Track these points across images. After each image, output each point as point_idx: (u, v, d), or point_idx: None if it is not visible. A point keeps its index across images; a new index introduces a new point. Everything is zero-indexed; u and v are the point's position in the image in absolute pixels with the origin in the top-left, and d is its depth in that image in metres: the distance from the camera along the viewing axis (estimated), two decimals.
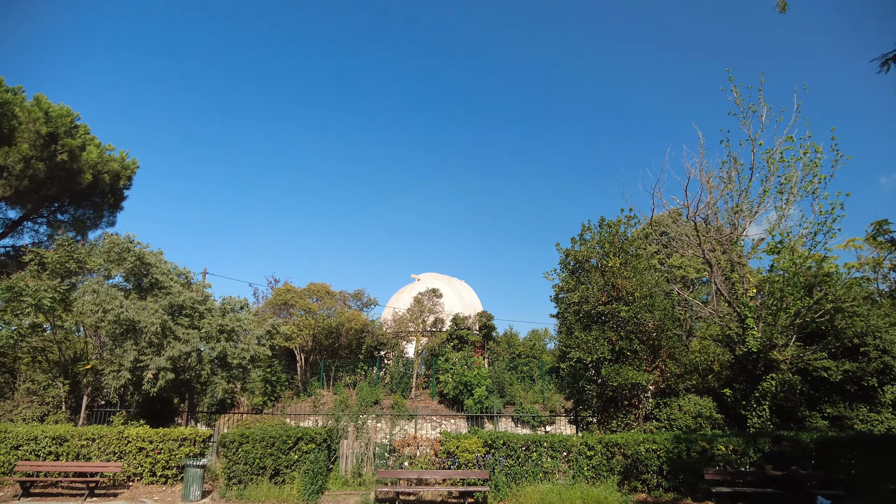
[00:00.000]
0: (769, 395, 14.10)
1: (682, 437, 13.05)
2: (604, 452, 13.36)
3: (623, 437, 13.40)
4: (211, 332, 16.47)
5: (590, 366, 15.57)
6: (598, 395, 15.60)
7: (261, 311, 34.45)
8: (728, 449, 12.70)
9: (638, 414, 15.31)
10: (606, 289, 15.71)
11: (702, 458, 12.74)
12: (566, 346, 15.94)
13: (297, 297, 32.39)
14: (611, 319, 15.75)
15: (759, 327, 14.43)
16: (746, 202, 14.57)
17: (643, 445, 13.09)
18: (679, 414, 15.10)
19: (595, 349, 15.13)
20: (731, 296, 14.35)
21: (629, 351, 15.20)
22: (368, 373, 31.90)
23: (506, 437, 13.72)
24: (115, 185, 25.15)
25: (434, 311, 34.19)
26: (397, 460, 14.12)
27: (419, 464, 13.81)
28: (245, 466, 13.94)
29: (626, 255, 16.17)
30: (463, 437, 14.04)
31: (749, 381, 14.76)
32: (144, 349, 15.10)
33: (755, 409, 14.27)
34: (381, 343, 33.47)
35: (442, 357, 30.99)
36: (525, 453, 13.57)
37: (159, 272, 16.69)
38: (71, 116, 21.01)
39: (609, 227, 16.84)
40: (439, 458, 13.99)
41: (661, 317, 15.04)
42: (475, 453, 13.56)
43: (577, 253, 17.07)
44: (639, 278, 15.73)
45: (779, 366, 14.27)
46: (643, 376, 14.69)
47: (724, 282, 14.70)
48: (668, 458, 12.89)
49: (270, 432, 14.21)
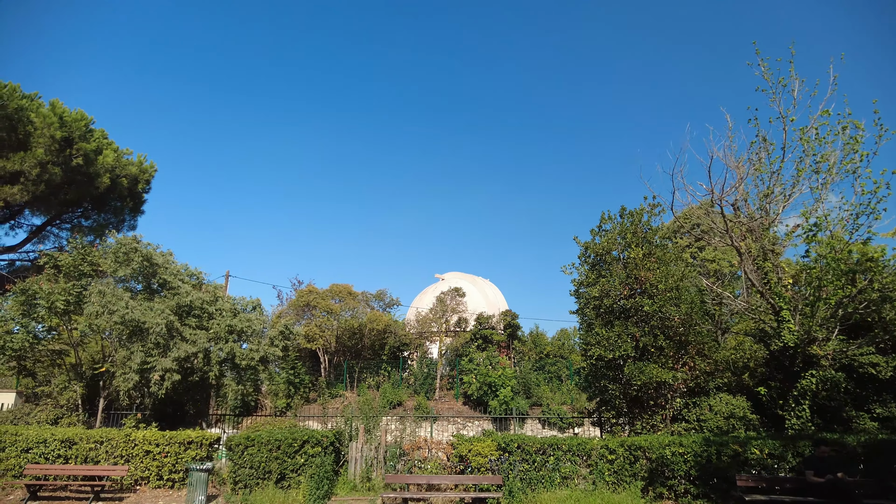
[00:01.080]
0: (809, 394, 12.94)
1: (712, 440, 12.03)
2: (626, 456, 12.44)
3: (647, 439, 12.45)
4: (220, 332, 16.14)
5: (612, 364, 14.62)
6: (622, 394, 14.64)
7: (284, 313, 34.39)
8: (763, 453, 11.63)
9: (665, 415, 14.30)
10: (628, 282, 14.75)
11: (734, 463, 11.70)
12: (586, 343, 15.04)
13: (318, 298, 32.14)
14: (634, 314, 14.77)
15: (795, 320, 13.27)
16: (779, 185, 13.43)
17: (669, 448, 12.12)
18: (709, 414, 14.02)
19: (617, 346, 14.19)
20: (764, 286, 13.23)
21: (654, 347, 14.21)
22: (392, 374, 31.42)
23: (520, 441, 12.92)
24: (134, 188, 25.26)
25: (457, 310, 33.52)
26: (406, 464, 13.47)
27: (430, 468, 13.13)
28: (250, 470, 13.51)
29: (649, 246, 15.17)
30: (476, 440, 13.30)
31: (786, 379, 13.61)
32: (151, 350, 14.85)
33: (794, 409, 13.13)
34: (404, 343, 32.96)
35: (466, 357, 30.30)
36: (541, 457, 12.74)
37: (167, 272, 16.46)
38: (85, 120, 21.12)
39: (630, 217, 15.85)
40: (451, 462, 13.29)
41: (688, 310, 14.01)
42: (488, 457, 12.81)
43: (596, 245, 16.12)
44: (664, 270, 14.72)
45: (819, 361, 13.09)
46: (669, 374, 13.69)
47: (756, 271, 13.58)
48: (697, 462, 11.89)
49: (276, 435, 13.74)
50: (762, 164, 13.59)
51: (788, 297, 13.09)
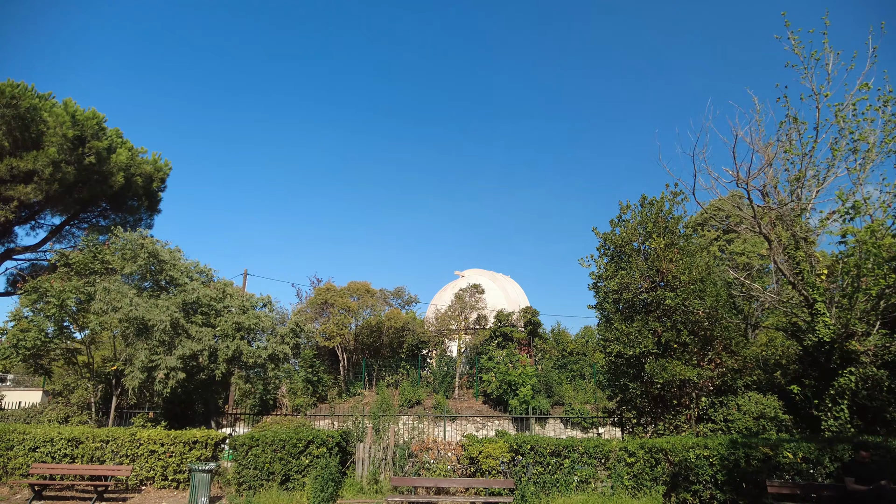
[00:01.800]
0: (847, 393, 11.95)
1: (740, 442, 11.15)
2: (647, 459, 11.65)
3: (669, 441, 11.64)
4: (227, 330, 15.81)
5: (633, 361, 13.82)
6: (643, 393, 13.82)
7: (302, 311, 34.23)
8: (797, 457, 10.72)
9: (689, 415, 13.44)
10: (649, 274, 13.92)
11: (764, 467, 10.82)
12: (605, 339, 14.27)
13: (336, 295, 31.83)
14: (655, 308, 13.94)
15: (831, 313, 12.28)
16: (811, 168, 12.44)
17: (693, 451, 11.29)
18: (738, 415, 13.11)
19: (638, 342, 13.38)
20: (796, 277, 12.27)
21: (677, 343, 13.37)
22: (411, 372, 30.97)
23: (534, 442, 12.23)
24: (149, 187, 25.24)
25: (476, 307, 32.87)
26: (414, 466, 12.90)
27: (439, 471, 12.53)
28: (255, 471, 13.12)
29: (671, 236, 14.31)
30: (487, 441, 12.67)
31: (822, 377, 12.62)
32: (156, 348, 14.58)
33: (830, 410, 12.15)
34: (423, 341, 32.46)
35: (485, 355, 29.69)
36: (556, 460, 12.04)
37: (175, 269, 16.21)
38: (97, 119, 21.08)
39: (651, 206, 15.00)
40: (461, 464, 12.68)
41: (713, 304, 13.13)
42: (500, 459, 12.16)
43: (615, 237, 15.30)
44: (687, 261, 13.85)
45: (858, 358, 12.07)
46: (694, 372, 12.83)
47: (787, 262, 12.62)
48: (723, 466, 11.03)
49: (280, 435, 13.32)
50: (792, 145, 12.62)
51: (823, 288, 12.11)
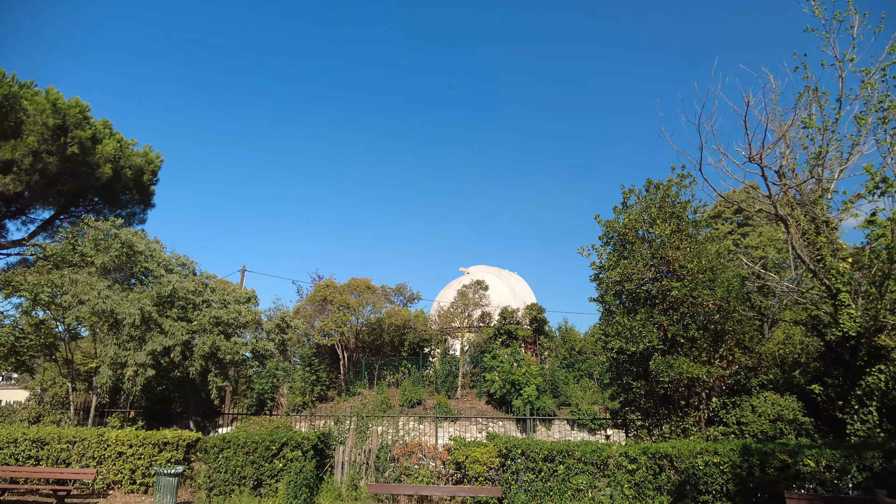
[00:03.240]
0: (877, 394, 10.69)
1: (755, 448, 9.95)
2: (649, 466, 10.49)
3: (674, 445, 10.46)
4: (204, 324, 14.91)
5: (636, 358, 12.65)
6: (648, 393, 12.65)
7: (301, 308, 33.45)
8: (819, 465, 9.51)
9: (698, 417, 12.25)
10: (654, 262, 12.74)
11: (782, 477, 9.62)
12: (605, 334, 13.11)
13: (335, 292, 30.91)
14: (661, 300, 12.76)
15: (857, 304, 11.03)
16: (834, 143, 11.19)
17: (701, 458, 10.11)
18: (752, 417, 11.89)
19: (641, 337, 12.21)
20: (817, 264, 11.03)
21: (684, 338, 12.18)
22: (412, 371, 30.02)
23: (525, 446, 11.12)
24: (140, 180, 24.48)
25: (480, 304, 31.79)
26: (395, 471, 11.85)
27: (422, 477, 11.47)
28: (226, 475, 12.17)
29: (678, 221, 13.12)
30: (475, 444, 11.58)
31: (847, 375, 11.36)
32: (125, 344, 13.71)
33: (857, 412, 10.89)
34: (424, 339, 31.45)
35: (489, 354, 28.62)
36: (549, 466, 10.92)
37: (150, 260, 15.33)
38: (80, 107, 20.33)
39: (657, 190, 13.82)
40: (447, 469, 11.61)
41: (724, 294, 11.91)
42: (488, 465, 11.08)
43: (618, 224, 14.13)
44: (696, 248, 12.66)
45: (889, 354, 10.81)
46: (703, 369, 11.64)
47: (807, 248, 11.37)
48: (735, 474, 9.85)
49: (253, 437, 12.36)
50: (812, 119, 11.38)
51: (848, 276, 10.85)
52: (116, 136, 23.39)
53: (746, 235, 29.41)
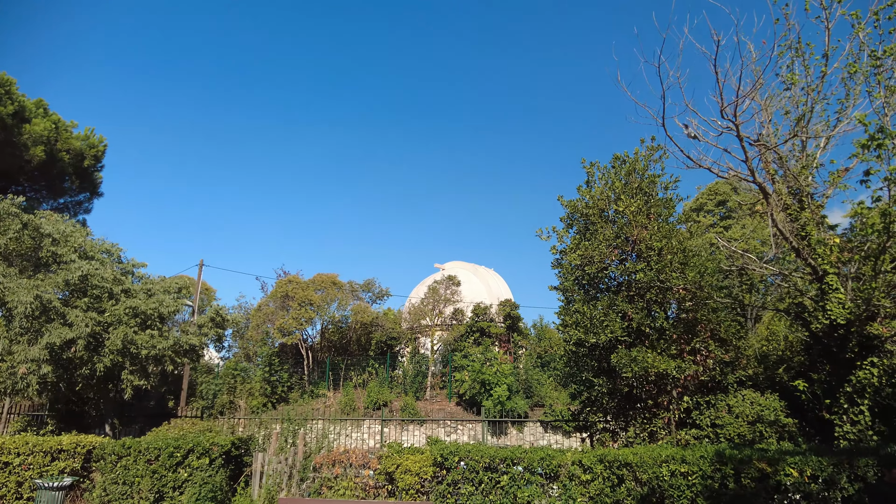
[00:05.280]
0: (869, 390, 9.24)
1: (729, 455, 8.44)
2: (607, 476, 8.93)
3: (636, 453, 8.92)
4: (119, 315, 13.20)
5: (597, 351, 11.13)
6: (611, 391, 11.12)
7: (264, 305, 31.77)
8: (804, 475, 8.01)
9: (668, 418, 10.73)
10: (617, 243, 11.23)
11: (760, 489, 8.12)
12: (563, 324, 11.58)
13: (298, 288, 29.22)
14: (627, 286, 11.25)
15: (846, 288, 9.59)
16: (820, 109, 9.76)
17: (667, 466, 8.58)
18: (728, 418, 10.40)
19: (602, 327, 10.68)
20: (801, 241, 9.57)
21: (651, 329, 10.67)
22: (379, 371, 28.45)
23: (464, 453, 9.53)
24: (79, 165, 22.68)
25: (452, 300, 30.25)
26: (315, 482, 10.20)
27: (343, 489, 9.84)
28: (124, 487, 10.48)
29: (646, 197, 11.63)
30: (409, 451, 9.99)
31: (835, 370, 9.91)
32: (18, 336, 11.97)
33: (847, 412, 9.44)
34: (392, 338, 29.85)
35: (460, 352, 27.08)
36: (491, 476, 9.34)
37: (60, 245, 13.58)
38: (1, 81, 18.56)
39: (623, 164, 12.32)
40: (377, 480, 10.00)
41: (696, 278, 10.42)
42: (420, 476, 9.48)
43: (581, 204, 12.60)
44: (666, 228, 11.18)
45: (883, 345, 9.38)
46: (671, 364, 10.13)
47: (791, 223, 9.90)
48: (706, 486, 8.33)
49: (154, 443, 10.68)
50: (794, 76, 9.93)
51: (836, 253, 9.41)
52: (52, 117, 21.58)
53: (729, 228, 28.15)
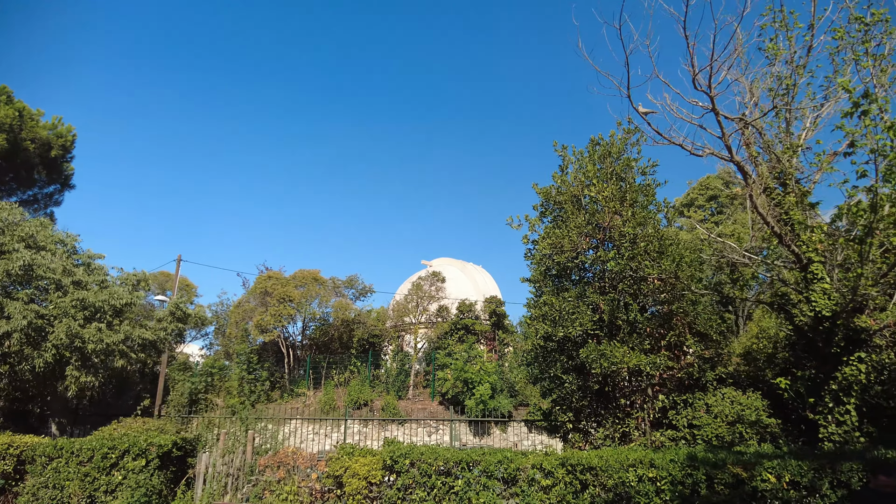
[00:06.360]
0: (856, 388, 8.50)
1: (701, 459, 7.69)
2: (569, 481, 8.17)
3: (601, 456, 8.16)
4: (66, 307, 12.42)
5: (566, 346, 10.37)
6: (581, 389, 10.37)
7: (243, 302, 31.04)
8: (782, 480, 7.26)
9: (641, 417, 9.99)
10: (588, 230, 10.47)
11: (735, 496, 7.37)
12: (532, 317, 10.83)
13: (277, 284, 28.46)
14: (599, 277, 10.51)
15: (833, 278, 8.87)
16: (804, 76, 9.01)
17: (634, 471, 7.82)
18: (706, 418, 9.66)
19: (571, 320, 9.93)
20: (783, 226, 8.83)
21: (623, 321, 9.93)
22: (361, 370, 27.73)
23: (416, 456, 8.77)
24: (46, 155, 21.87)
25: (437, 297, 29.53)
26: (257, 486, 9.43)
27: (286, 495, 9.07)
28: (54, 491, 9.69)
29: (620, 183, 10.88)
30: (360, 453, 9.23)
31: (821, 366, 9.17)
32: None
33: (832, 411, 8.71)
34: (375, 335, 29.11)
35: (444, 350, 26.37)
36: (445, 481, 8.58)
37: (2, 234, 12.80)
38: None
39: (597, 146, 11.57)
40: (323, 485, 9.23)
41: (671, 267, 9.67)
42: (368, 480, 8.72)
43: (555, 192, 11.85)
44: (641, 214, 10.43)
45: (871, 339, 8.64)
46: (644, 359, 9.38)
47: (773, 207, 9.16)
48: (677, 493, 7.58)
49: (88, 444, 9.91)
50: (778, 50, 9.18)
51: (821, 241, 8.66)
52: (17, 105, 20.77)
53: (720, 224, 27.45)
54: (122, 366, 13.08)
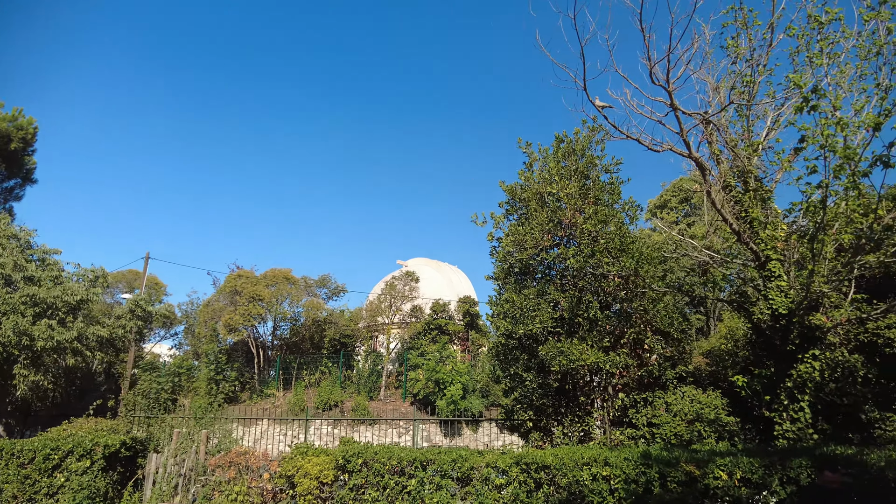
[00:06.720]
0: (810, 386, 8.52)
1: (655, 457, 7.61)
2: (523, 480, 8.04)
3: (557, 455, 8.03)
4: (15, 304, 11.95)
5: (526, 343, 10.26)
6: (541, 387, 10.26)
7: (213, 301, 30.45)
8: (734, 477, 7.22)
9: (601, 416, 9.92)
10: (550, 227, 10.38)
11: (687, 494, 7.30)
12: (493, 315, 10.70)
13: (247, 283, 27.96)
14: (561, 274, 10.42)
15: (790, 275, 8.88)
16: (764, 74, 9.02)
17: (588, 470, 7.72)
18: (666, 416, 9.61)
19: (531, 317, 9.82)
20: (742, 223, 8.82)
21: (584, 319, 9.84)
22: (332, 370, 27.36)
23: (369, 455, 8.57)
24: (5, 148, 21.16)
25: (410, 297, 29.30)
26: (206, 487, 9.14)
27: (235, 495, 8.79)
28: None
29: (584, 180, 10.82)
30: (313, 453, 9.00)
31: (777, 364, 9.18)
32: None
33: (787, 409, 8.71)
34: (346, 335, 28.77)
35: (416, 351, 26.16)
36: (398, 481, 8.39)
37: None
38: None
39: (562, 143, 11.50)
40: (275, 485, 8.98)
41: (631, 265, 9.61)
42: (320, 480, 8.49)
43: (519, 189, 11.75)
44: (604, 212, 10.36)
45: (825, 337, 8.68)
46: (602, 357, 9.31)
47: (733, 204, 9.15)
48: (630, 491, 7.49)
49: (29, 444, 9.51)
50: (739, 47, 9.19)
51: (778, 240, 8.67)
52: None
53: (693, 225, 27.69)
54: (74, 364, 12.62)
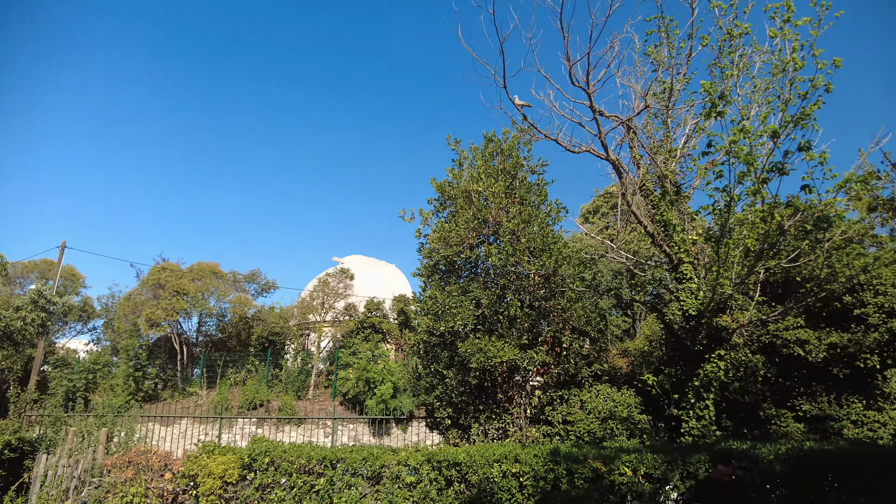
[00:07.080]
0: (715, 385, 8.85)
1: (563, 454, 7.68)
2: (433, 478, 7.94)
3: (468, 452, 7.98)
4: None
5: (447, 340, 10.18)
6: (461, 384, 10.21)
7: (135, 294, 28.84)
8: (637, 474, 7.37)
9: (518, 413, 9.96)
10: (474, 225, 10.35)
11: (594, 489, 7.40)
12: (416, 312, 10.57)
13: (171, 276, 26.63)
14: (483, 272, 10.41)
15: (701, 279, 9.20)
16: (681, 81, 9.32)
17: (498, 467, 7.70)
18: (580, 414, 9.77)
19: (453, 314, 9.75)
20: (656, 226, 9.08)
21: (504, 316, 9.87)
22: (260, 368, 26.43)
23: (276, 454, 8.24)
24: None
25: (344, 295, 28.74)
26: (95, 490, 8.53)
27: (132, 497, 8.24)
28: None
29: (510, 179, 10.86)
30: (219, 452, 8.56)
31: (687, 364, 9.51)
32: None
33: (694, 407, 9.01)
34: (275, 333, 27.90)
35: (348, 350, 25.68)
36: (306, 480, 8.10)
37: None
38: None
39: (491, 143, 11.52)
40: (178, 485, 8.48)
41: (551, 265, 9.71)
42: (224, 480, 8.08)
43: (448, 186, 11.67)
44: (528, 211, 10.43)
45: (730, 338, 9.04)
46: (520, 354, 9.35)
47: (650, 208, 9.41)
48: (539, 488, 7.52)
49: None
50: (660, 55, 9.46)
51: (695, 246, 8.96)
52: None
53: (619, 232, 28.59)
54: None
